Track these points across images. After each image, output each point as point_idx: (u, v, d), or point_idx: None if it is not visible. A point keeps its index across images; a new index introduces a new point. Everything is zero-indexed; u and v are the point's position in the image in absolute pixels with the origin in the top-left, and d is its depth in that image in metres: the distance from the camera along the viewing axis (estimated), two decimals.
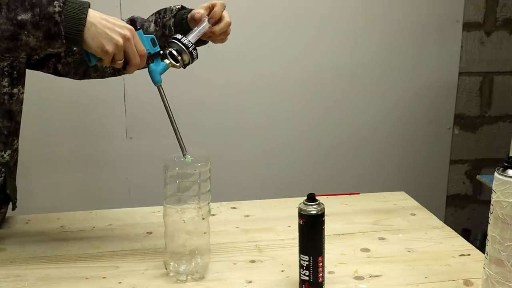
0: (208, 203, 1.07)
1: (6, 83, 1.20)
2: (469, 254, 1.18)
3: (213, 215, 1.35)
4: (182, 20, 1.25)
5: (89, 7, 0.99)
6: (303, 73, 2.33)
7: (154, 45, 1.07)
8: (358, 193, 1.54)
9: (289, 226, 1.29)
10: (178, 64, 1.11)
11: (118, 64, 1.02)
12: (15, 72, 1.21)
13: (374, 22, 2.33)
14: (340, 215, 1.38)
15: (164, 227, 1.07)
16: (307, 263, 0.99)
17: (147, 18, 1.32)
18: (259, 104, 2.32)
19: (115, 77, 2.24)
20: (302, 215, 0.98)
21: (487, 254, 0.94)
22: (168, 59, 1.10)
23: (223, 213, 1.40)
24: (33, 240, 1.24)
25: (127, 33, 1.01)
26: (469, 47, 2.45)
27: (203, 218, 1.06)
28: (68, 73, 1.35)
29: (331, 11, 2.29)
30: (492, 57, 2.47)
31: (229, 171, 2.30)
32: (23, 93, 1.25)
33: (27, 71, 1.29)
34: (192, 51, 1.11)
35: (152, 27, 1.30)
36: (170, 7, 1.29)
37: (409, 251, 1.19)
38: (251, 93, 2.30)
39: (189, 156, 1.05)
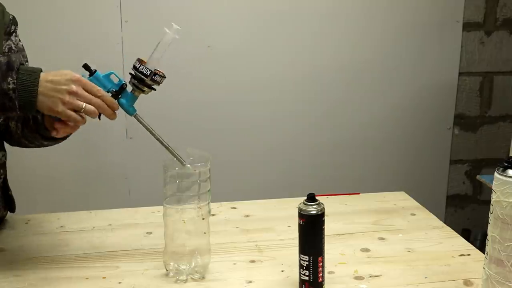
0: (208, 203, 1.07)
1: None
2: (469, 254, 1.18)
3: (213, 215, 1.35)
4: None
5: (41, 72, 1.02)
6: (303, 73, 2.33)
7: (116, 79, 1.07)
8: (358, 193, 1.54)
9: (289, 226, 1.29)
10: (145, 90, 1.08)
11: (87, 112, 1.04)
12: None
13: (374, 22, 2.33)
14: (340, 215, 1.38)
15: (164, 227, 1.07)
16: (307, 263, 0.99)
17: None
18: (259, 104, 2.32)
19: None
20: (302, 215, 0.98)
21: (487, 254, 0.94)
22: (134, 89, 1.08)
23: (223, 213, 1.40)
24: (33, 240, 1.24)
25: (72, 87, 1.01)
26: (469, 47, 2.45)
27: (203, 218, 1.06)
28: None
29: (331, 11, 2.29)
30: (492, 57, 2.47)
31: (229, 171, 2.30)
32: None
33: None
34: (153, 77, 1.06)
35: None
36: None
37: (409, 251, 1.19)
38: (251, 93, 2.30)
39: (188, 165, 1.05)
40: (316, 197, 0.99)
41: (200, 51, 2.23)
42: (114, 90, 1.06)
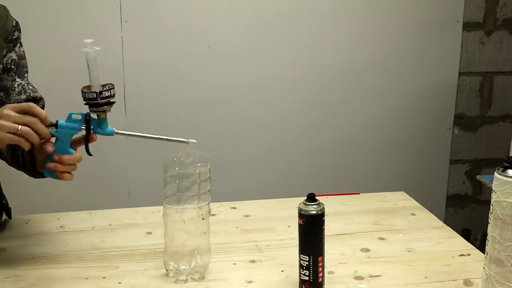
0: (208, 203, 1.07)
1: None
2: (469, 254, 1.18)
3: (213, 215, 1.35)
4: None
5: None
6: (303, 73, 2.33)
7: (78, 116, 1.07)
8: (358, 193, 1.54)
9: (289, 226, 1.29)
10: (106, 108, 1.08)
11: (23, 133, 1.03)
12: None
13: (374, 22, 2.33)
14: (340, 215, 1.38)
15: (164, 227, 1.07)
16: (307, 263, 0.99)
17: None
18: (259, 104, 2.32)
19: (115, 76, 2.24)
20: (302, 215, 0.98)
21: (487, 254, 0.94)
22: (98, 114, 1.08)
23: (223, 213, 1.40)
24: (33, 240, 1.24)
25: (3, 111, 1.02)
26: (469, 47, 2.44)
27: (203, 218, 1.06)
28: None
29: (331, 11, 2.29)
30: (492, 57, 2.47)
31: (229, 171, 2.30)
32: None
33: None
34: (101, 95, 1.06)
35: None
36: None
37: (409, 251, 1.19)
38: (251, 93, 2.30)
39: (191, 140, 1.06)
40: (316, 197, 0.99)
41: (200, 51, 2.22)
42: (83, 126, 1.08)
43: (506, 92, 2.52)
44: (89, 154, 1.12)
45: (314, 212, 0.98)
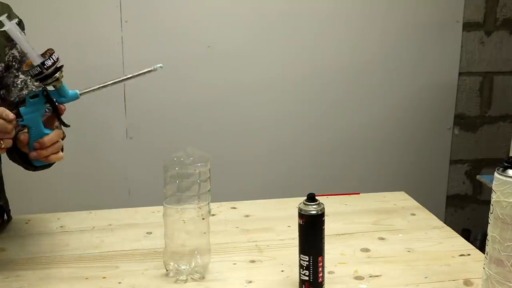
0: (208, 203, 1.07)
1: None
2: (469, 254, 1.18)
3: (213, 215, 1.35)
4: None
5: None
6: (303, 73, 2.33)
7: (35, 97, 1.04)
8: (358, 193, 1.54)
9: (289, 226, 1.29)
10: (57, 76, 1.05)
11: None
12: None
13: (374, 22, 2.33)
14: (340, 215, 1.38)
15: (164, 227, 1.07)
16: (307, 263, 0.99)
17: None
18: (259, 105, 2.32)
19: (115, 76, 2.24)
20: (302, 215, 0.98)
21: (487, 254, 0.94)
22: (54, 84, 1.05)
23: (223, 213, 1.40)
24: (33, 240, 1.24)
25: None
26: (469, 47, 2.44)
27: (203, 218, 1.06)
28: None
29: (331, 11, 2.29)
30: (492, 57, 2.47)
31: (229, 171, 2.30)
32: None
33: None
34: (44, 66, 1.02)
35: None
36: None
37: (409, 251, 1.19)
38: (251, 94, 2.30)
39: (158, 65, 1.05)
40: (316, 197, 0.99)
41: (200, 51, 2.23)
42: (45, 102, 1.05)
43: (506, 92, 2.52)
44: (66, 126, 1.09)
45: (314, 212, 0.98)
